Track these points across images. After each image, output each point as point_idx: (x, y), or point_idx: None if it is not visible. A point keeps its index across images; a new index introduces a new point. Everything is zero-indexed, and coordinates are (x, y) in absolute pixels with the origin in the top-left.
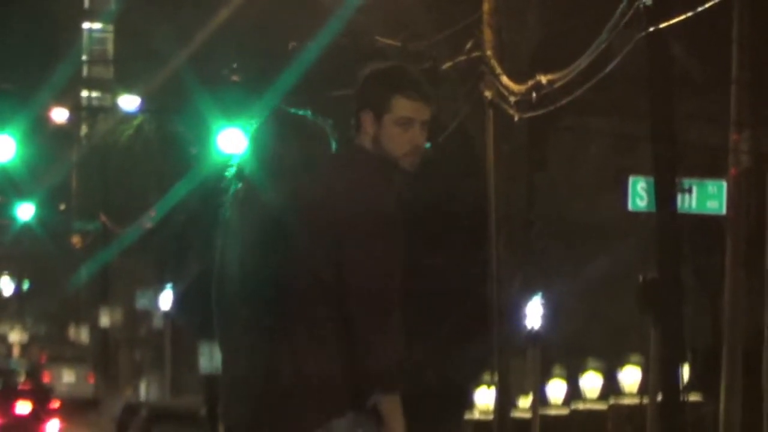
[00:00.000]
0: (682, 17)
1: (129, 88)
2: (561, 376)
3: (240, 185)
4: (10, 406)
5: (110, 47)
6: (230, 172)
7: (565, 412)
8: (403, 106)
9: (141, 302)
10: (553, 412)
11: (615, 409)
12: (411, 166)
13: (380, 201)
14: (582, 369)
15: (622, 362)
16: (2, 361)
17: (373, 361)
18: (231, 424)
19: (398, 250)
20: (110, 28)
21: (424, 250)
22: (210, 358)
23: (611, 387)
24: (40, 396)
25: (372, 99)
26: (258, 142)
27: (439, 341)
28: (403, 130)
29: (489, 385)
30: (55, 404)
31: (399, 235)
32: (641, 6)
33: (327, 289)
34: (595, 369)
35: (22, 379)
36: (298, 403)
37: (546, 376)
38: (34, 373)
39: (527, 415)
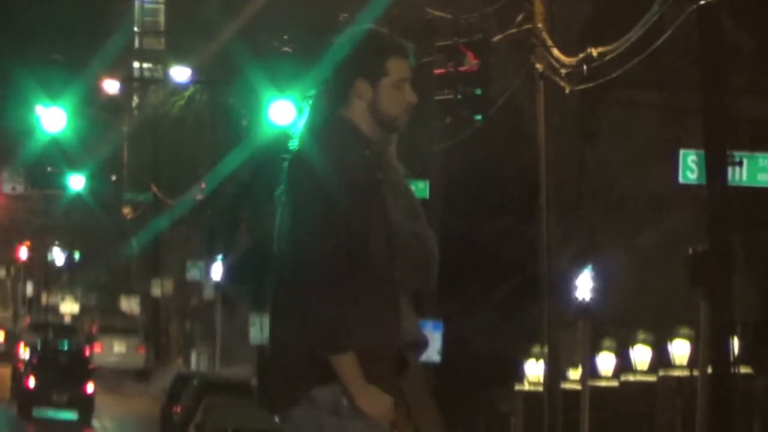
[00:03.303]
0: None
1: (180, 60)
2: (610, 349)
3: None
4: (56, 364)
5: (162, 19)
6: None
7: (614, 383)
8: (398, 68)
9: (192, 273)
10: (602, 383)
11: (664, 381)
12: (404, 122)
13: (330, 170)
14: (632, 341)
15: (672, 334)
16: (49, 318)
17: (309, 324)
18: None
19: (343, 219)
20: None
21: (476, 222)
22: (260, 329)
23: (661, 359)
24: (82, 358)
25: (366, 66)
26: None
27: (489, 314)
28: (399, 90)
29: (539, 357)
30: (92, 366)
31: (350, 205)
32: None
33: (288, 264)
34: (645, 341)
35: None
36: (284, 372)
37: (596, 348)
38: (76, 334)
39: (577, 387)
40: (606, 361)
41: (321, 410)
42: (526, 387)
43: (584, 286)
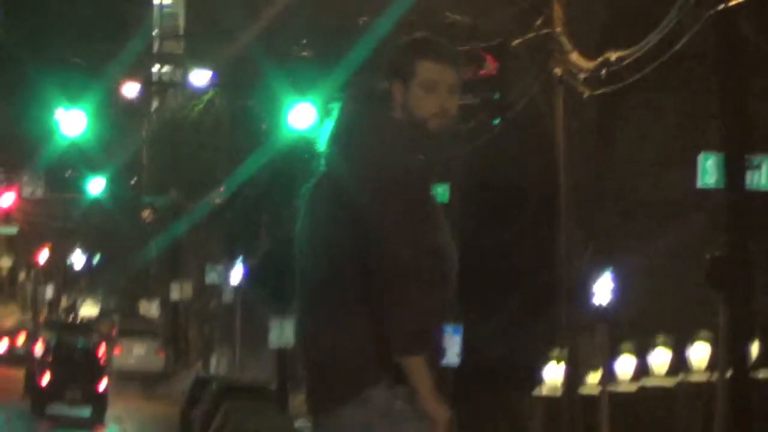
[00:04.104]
0: None
1: (199, 63)
2: (629, 352)
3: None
4: (70, 362)
5: (181, 22)
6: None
7: (633, 388)
8: (427, 69)
9: (211, 277)
10: (621, 389)
11: (684, 385)
12: (439, 127)
13: (402, 172)
14: (651, 345)
15: (691, 338)
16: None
17: (391, 325)
18: (305, 401)
19: (422, 220)
20: (181, 3)
21: (495, 225)
22: (280, 333)
23: (680, 363)
24: (96, 355)
25: (398, 67)
26: (334, 117)
27: (507, 318)
28: (428, 92)
29: (558, 361)
30: (105, 363)
31: (424, 205)
32: None
33: (359, 262)
34: (664, 345)
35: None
36: (335, 373)
37: (614, 352)
38: (90, 333)
39: (596, 392)
40: (625, 366)
41: (373, 411)
42: (545, 392)
43: (602, 290)
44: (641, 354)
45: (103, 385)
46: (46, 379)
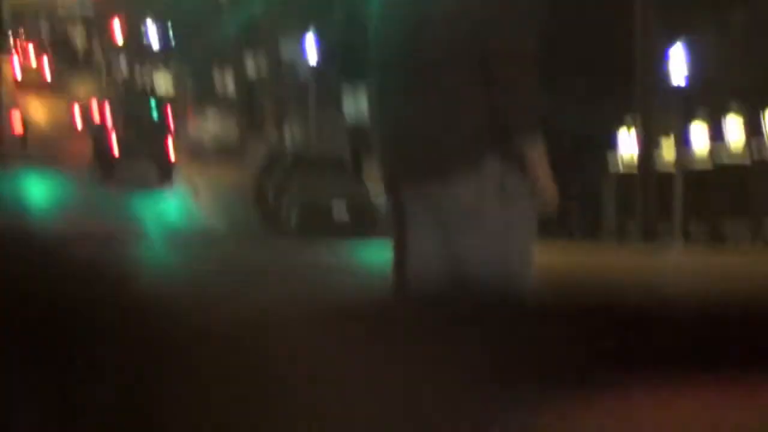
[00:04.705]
0: None
1: None
2: (702, 120)
3: None
4: (139, 126)
5: None
6: None
7: (709, 166)
8: None
9: (285, 49)
10: (697, 167)
11: (759, 164)
12: None
13: None
14: (724, 111)
15: (764, 104)
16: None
17: (517, 109)
18: (386, 171)
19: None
20: None
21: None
22: (354, 105)
23: (753, 130)
24: (164, 121)
25: None
26: None
27: (578, 90)
28: None
29: (631, 128)
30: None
31: None
32: None
33: (474, 42)
34: (737, 112)
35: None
36: (448, 144)
37: (688, 118)
38: (158, 99)
39: (671, 170)
40: (698, 134)
41: (485, 182)
42: (620, 167)
43: (677, 58)
44: (714, 121)
45: (170, 146)
46: (114, 143)
